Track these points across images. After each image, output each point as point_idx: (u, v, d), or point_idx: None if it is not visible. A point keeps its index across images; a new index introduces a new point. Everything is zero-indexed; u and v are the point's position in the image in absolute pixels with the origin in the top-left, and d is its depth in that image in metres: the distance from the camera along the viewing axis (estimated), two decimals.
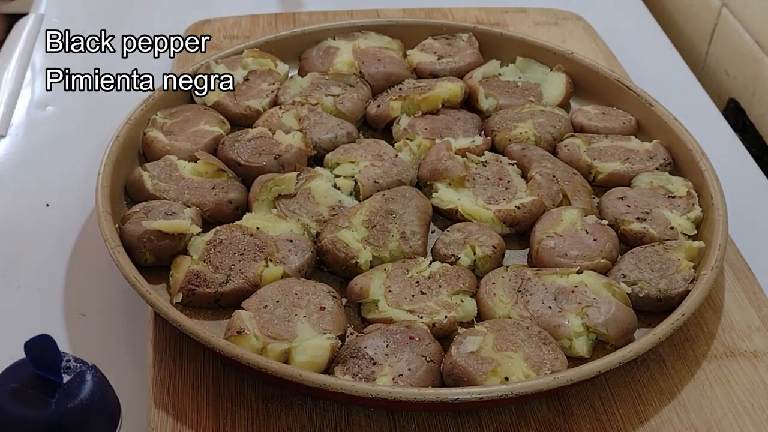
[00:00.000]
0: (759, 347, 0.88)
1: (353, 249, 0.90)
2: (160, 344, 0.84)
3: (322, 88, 1.12)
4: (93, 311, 0.92)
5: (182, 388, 0.81)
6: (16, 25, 1.37)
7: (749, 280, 0.95)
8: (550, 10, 1.41)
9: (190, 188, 0.97)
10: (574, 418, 0.80)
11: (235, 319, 0.82)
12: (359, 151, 1.02)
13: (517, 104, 1.13)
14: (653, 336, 0.81)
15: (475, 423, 0.80)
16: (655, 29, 1.45)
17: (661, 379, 0.84)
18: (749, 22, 1.32)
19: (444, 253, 0.92)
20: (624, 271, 0.90)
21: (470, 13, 1.38)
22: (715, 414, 0.82)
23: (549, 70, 1.19)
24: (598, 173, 1.04)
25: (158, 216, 0.91)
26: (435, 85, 1.13)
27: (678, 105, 1.12)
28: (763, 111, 1.28)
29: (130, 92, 1.10)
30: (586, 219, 0.95)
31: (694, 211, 0.97)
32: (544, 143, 1.07)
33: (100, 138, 1.11)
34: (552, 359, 0.80)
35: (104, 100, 1.13)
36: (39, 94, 1.22)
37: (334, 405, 0.80)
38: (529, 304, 0.86)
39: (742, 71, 1.34)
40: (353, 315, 0.88)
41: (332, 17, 1.33)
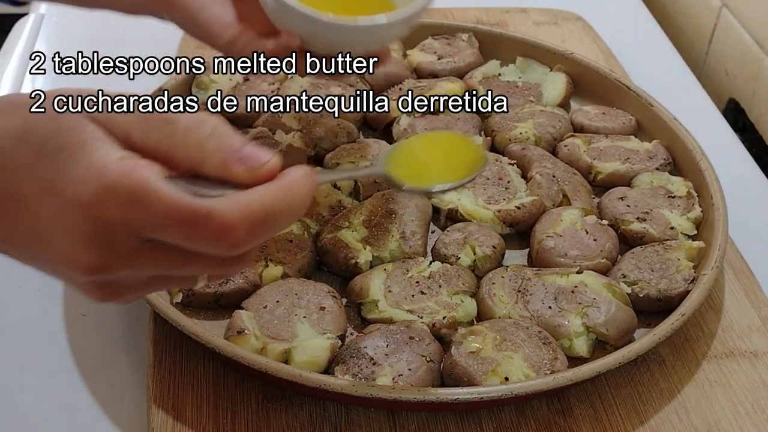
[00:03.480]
0: (759, 347, 0.88)
1: (353, 249, 0.90)
2: (160, 344, 0.84)
3: (322, 88, 1.12)
4: (93, 311, 0.91)
5: (182, 388, 0.81)
6: (16, 25, 1.37)
7: (749, 280, 0.95)
8: (550, 10, 1.41)
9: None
10: (574, 418, 0.80)
11: (235, 319, 0.82)
12: (359, 151, 1.02)
13: (517, 104, 1.13)
14: (653, 336, 0.81)
15: (475, 423, 0.80)
16: (655, 29, 1.45)
17: (661, 379, 0.84)
18: (749, 22, 1.32)
19: (444, 253, 0.92)
20: (624, 271, 0.90)
21: (470, 13, 1.38)
22: (715, 414, 0.82)
23: (549, 70, 1.19)
24: (598, 173, 1.04)
25: None
26: (435, 85, 1.13)
27: (678, 105, 1.12)
28: (763, 111, 1.28)
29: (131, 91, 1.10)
30: (586, 219, 0.95)
31: (694, 211, 0.97)
32: (544, 143, 1.07)
33: None
34: (552, 359, 0.80)
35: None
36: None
37: (334, 405, 0.80)
38: (529, 304, 0.86)
39: (742, 71, 1.34)
40: (353, 315, 0.88)
41: None
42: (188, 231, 0.53)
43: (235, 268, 0.59)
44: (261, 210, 0.54)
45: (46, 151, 0.54)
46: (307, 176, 0.57)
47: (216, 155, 0.55)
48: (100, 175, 0.53)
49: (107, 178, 0.53)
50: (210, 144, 0.56)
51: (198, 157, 0.56)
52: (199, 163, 0.56)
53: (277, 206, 0.55)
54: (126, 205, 0.53)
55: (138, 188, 0.53)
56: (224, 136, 0.56)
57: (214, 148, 0.56)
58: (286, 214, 0.56)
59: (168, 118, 0.56)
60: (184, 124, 0.56)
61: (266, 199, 0.55)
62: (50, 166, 0.54)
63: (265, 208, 0.55)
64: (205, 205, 0.53)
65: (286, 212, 0.56)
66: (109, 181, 0.53)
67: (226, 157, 0.55)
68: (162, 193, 0.53)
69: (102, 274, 0.55)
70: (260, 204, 0.55)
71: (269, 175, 0.56)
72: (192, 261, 0.56)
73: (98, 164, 0.53)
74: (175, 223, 0.53)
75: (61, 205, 0.54)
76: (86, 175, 0.53)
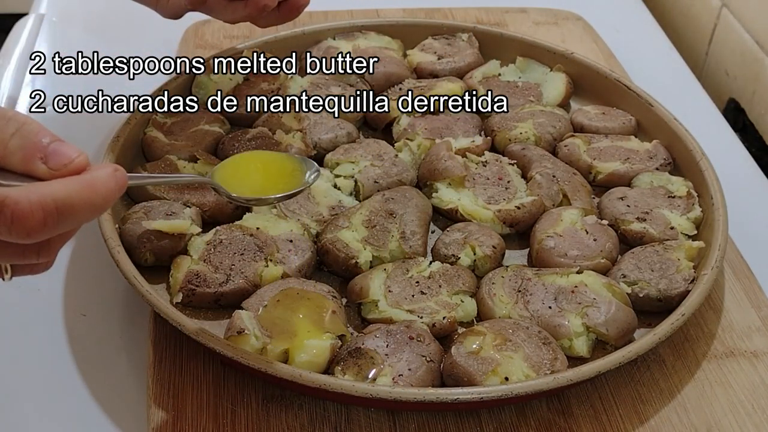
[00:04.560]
0: (759, 347, 0.88)
1: (353, 249, 0.90)
2: (160, 344, 0.84)
3: (322, 88, 1.12)
4: (93, 311, 0.92)
5: (182, 388, 0.81)
6: (16, 25, 1.37)
7: (749, 280, 0.95)
8: (550, 10, 1.41)
9: (190, 188, 0.97)
10: (574, 418, 0.80)
11: (235, 319, 0.82)
12: (359, 151, 1.02)
13: (517, 104, 1.13)
14: (653, 336, 0.81)
15: (475, 423, 0.80)
16: (655, 29, 1.45)
17: (661, 379, 0.84)
18: (749, 22, 1.32)
19: (444, 253, 0.92)
20: (624, 271, 0.90)
21: (470, 13, 1.38)
22: (715, 414, 0.82)
23: (549, 70, 1.19)
24: (598, 173, 1.04)
25: (158, 216, 0.91)
26: (435, 85, 1.13)
27: (678, 105, 1.12)
28: (763, 111, 1.28)
29: (130, 91, 1.10)
30: (586, 219, 0.95)
31: (694, 211, 0.97)
32: (544, 143, 1.07)
33: (100, 138, 1.11)
34: (552, 359, 0.80)
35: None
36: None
37: (334, 405, 0.80)
38: (529, 304, 0.86)
39: (742, 71, 1.34)
40: (353, 315, 0.88)
41: (332, 17, 1.33)
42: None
43: (37, 258, 0.61)
44: (56, 200, 0.57)
45: None
46: (111, 175, 0.59)
47: (19, 153, 0.58)
48: None
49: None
50: (14, 142, 0.58)
51: (1, 154, 0.58)
52: (2, 158, 0.58)
53: (73, 198, 0.57)
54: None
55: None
56: (31, 133, 0.59)
57: (17, 145, 0.58)
58: (84, 207, 0.58)
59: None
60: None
61: (63, 191, 0.57)
62: None
63: (62, 199, 0.57)
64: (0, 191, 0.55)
65: (84, 205, 0.58)
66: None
67: (29, 154, 0.58)
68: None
69: None
70: (55, 194, 0.57)
71: (74, 173, 0.59)
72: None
73: None
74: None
75: None
76: None
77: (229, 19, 0.99)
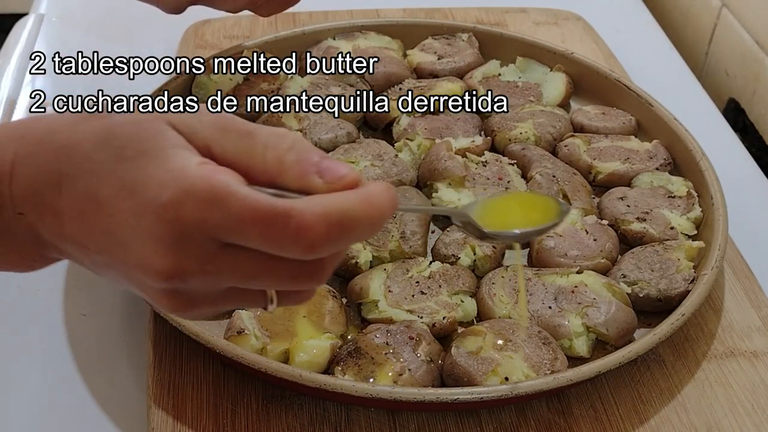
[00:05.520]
0: (759, 347, 0.88)
1: (353, 249, 0.90)
2: (160, 344, 0.84)
3: (322, 88, 1.12)
4: (93, 311, 0.92)
5: (182, 388, 0.81)
6: (16, 25, 1.37)
7: (749, 280, 0.95)
8: (550, 10, 1.40)
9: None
10: (574, 418, 0.80)
11: (235, 319, 0.82)
12: (359, 151, 1.02)
13: (517, 104, 1.13)
14: (653, 336, 0.81)
15: (475, 423, 0.80)
16: (655, 29, 1.45)
17: (661, 379, 0.84)
18: (749, 22, 1.32)
19: (444, 253, 0.92)
20: (624, 271, 0.90)
21: (470, 13, 1.38)
22: (715, 414, 0.82)
23: (549, 70, 1.19)
24: (598, 173, 1.04)
25: None
26: (435, 85, 1.13)
27: (678, 105, 1.12)
28: (763, 111, 1.28)
29: (130, 91, 1.10)
30: (586, 219, 0.95)
31: (694, 211, 0.97)
32: (544, 143, 1.07)
33: None
34: (552, 359, 0.80)
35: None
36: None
37: (334, 405, 0.80)
38: (529, 304, 0.86)
39: (742, 71, 1.34)
40: (353, 315, 0.88)
41: (332, 17, 1.33)
42: (266, 230, 0.53)
43: (309, 280, 0.57)
44: (340, 213, 0.54)
45: (126, 154, 0.54)
46: (388, 190, 0.56)
47: (295, 168, 0.56)
48: (179, 178, 0.53)
49: (186, 181, 0.53)
50: (289, 157, 0.56)
51: (277, 170, 0.56)
52: (278, 175, 0.56)
53: (355, 212, 0.54)
54: (204, 206, 0.53)
55: (217, 190, 0.53)
56: (304, 150, 0.56)
57: (293, 161, 0.56)
58: (364, 222, 0.55)
59: (248, 131, 0.57)
60: (263, 138, 0.56)
61: (346, 203, 0.54)
62: (130, 169, 0.54)
63: (345, 212, 0.54)
64: (285, 203, 0.53)
65: (364, 220, 0.55)
66: (189, 183, 0.53)
67: (306, 170, 0.55)
68: (241, 195, 0.53)
69: (176, 280, 0.54)
70: (339, 207, 0.54)
71: (350, 187, 0.56)
72: (267, 269, 0.55)
73: (178, 168, 0.53)
74: (254, 222, 0.53)
75: (139, 207, 0.53)
76: (165, 178, 0.53)
77: (230, 8, 0.98)
